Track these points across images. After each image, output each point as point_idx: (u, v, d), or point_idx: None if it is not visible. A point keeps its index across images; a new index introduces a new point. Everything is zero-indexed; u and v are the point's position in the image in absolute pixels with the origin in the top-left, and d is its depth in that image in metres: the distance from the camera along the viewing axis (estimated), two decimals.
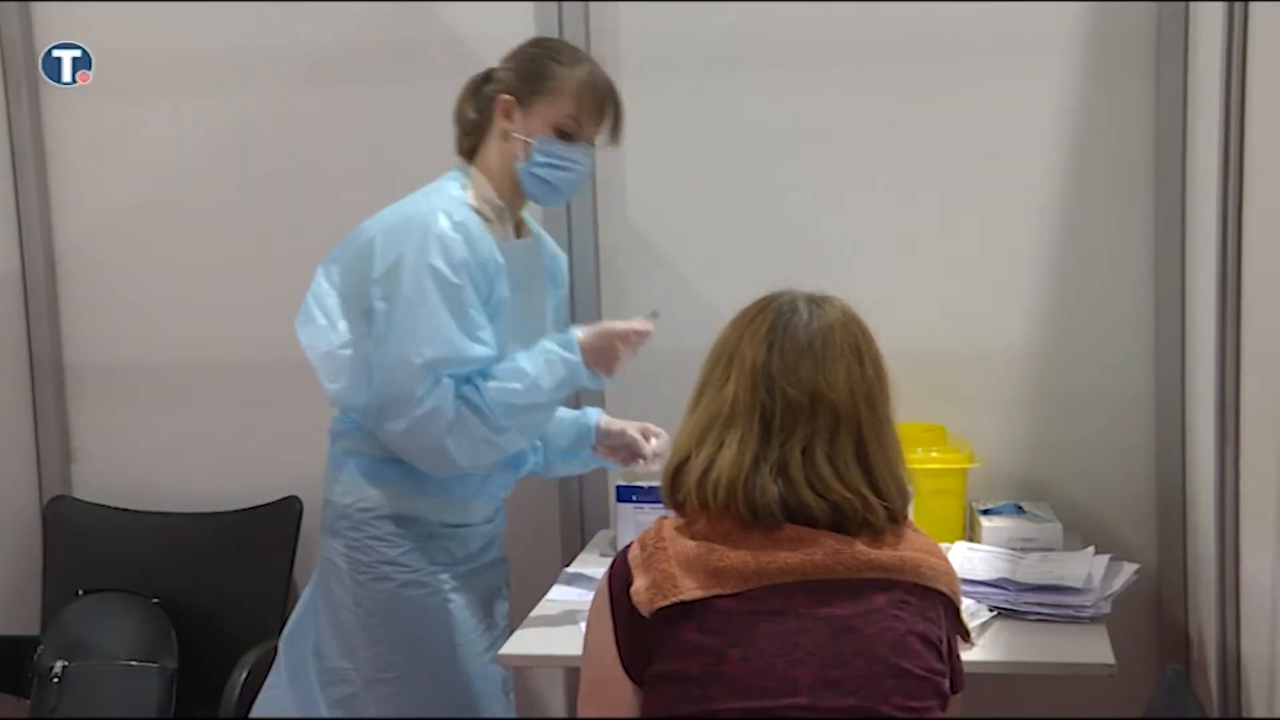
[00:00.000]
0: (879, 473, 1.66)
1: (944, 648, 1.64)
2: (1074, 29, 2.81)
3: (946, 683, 1.64)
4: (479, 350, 2.31)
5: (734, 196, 2.95)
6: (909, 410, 1.77)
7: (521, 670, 2.55)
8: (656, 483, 2.70)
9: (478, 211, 2.41)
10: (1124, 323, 2.85)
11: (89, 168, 3.15)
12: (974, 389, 2.90)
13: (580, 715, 1.67)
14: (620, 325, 2.43)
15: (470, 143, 2.50)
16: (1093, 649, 2.22)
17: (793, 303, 1.70)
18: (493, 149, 2.46)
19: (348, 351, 2.39)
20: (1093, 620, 2.32)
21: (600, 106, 2.42)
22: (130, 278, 2.14)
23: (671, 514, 1.71)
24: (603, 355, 2.40)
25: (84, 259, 3.17)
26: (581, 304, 2.98)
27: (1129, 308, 2.84)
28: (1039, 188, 2.85)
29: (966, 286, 2.90)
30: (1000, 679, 2.20)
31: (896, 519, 1.68)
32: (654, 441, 2.56)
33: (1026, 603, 2.37)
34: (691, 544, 1.62)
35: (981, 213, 2.88)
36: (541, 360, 2.36)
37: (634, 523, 2.72)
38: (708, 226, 2.97)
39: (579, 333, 2.41)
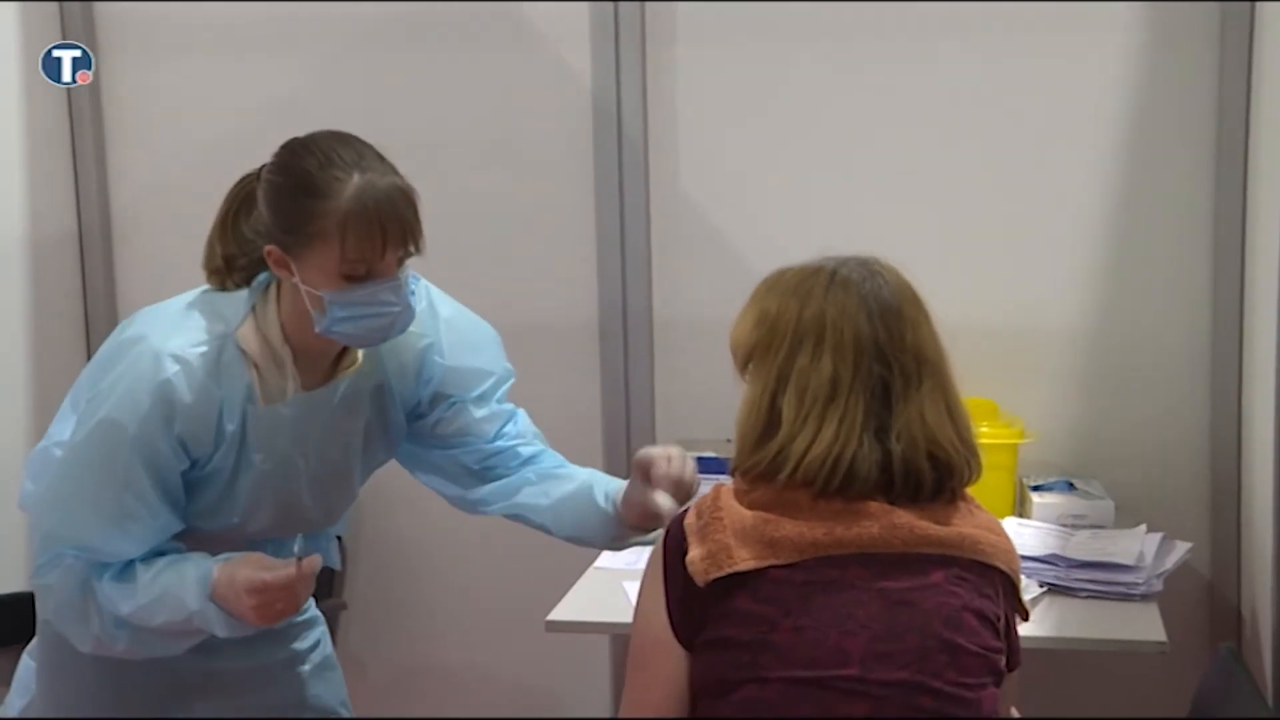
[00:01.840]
0: (962, 423, 1.66)
1: (1001, 625, 1.63)
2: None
3: (1003, 660, 1.63)
4: (113, 546, 1.89)
5: (787, 168, 2.94)
6: (961, 385, 1.75)
7: (569, 635, 2.55)
8: (708, 453, 2.73)
9: (245, 354, 1.93)
10: (1180, 299, 2.82)
11: (145, 130, 3.17)
12: (1027, 365, 2.88)
13: (629, 678, 1.67)
14: (255, 575, 1.85)
15: (251, 267, 1.98)
16: (1144, 626, 2.21)
17: (855, 269, 1.68)
18: (288, 284, 1.93)
19: (58, 452, 1.96)
20: (1144, 598, 2.31)
21: (381, 235, 1.84)
22: (185, 239, 2.13)
23: (729, 480, 1.69)
24: (232, 603, 1.87)
25: (139, 220, 3.19)
26: (633, 278, 2.98)
27: (1186, 284, 2.81)
28: (1097, 162, 2.82)
29: (1021, 262, 2.88)
30: (1050, 655, 2.19)
31: (978, 473, 1.67)
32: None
33: (1077, 579, 2.36)
34: (749, 513, 1.61)
35: (1038, 187, 2.86)
36: (161, 586, 1.89)
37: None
38: (761, 197, 2.96)
39: (217, 570, 1.88)
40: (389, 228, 1.85)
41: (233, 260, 1.98)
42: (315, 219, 1.84)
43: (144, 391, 1.87)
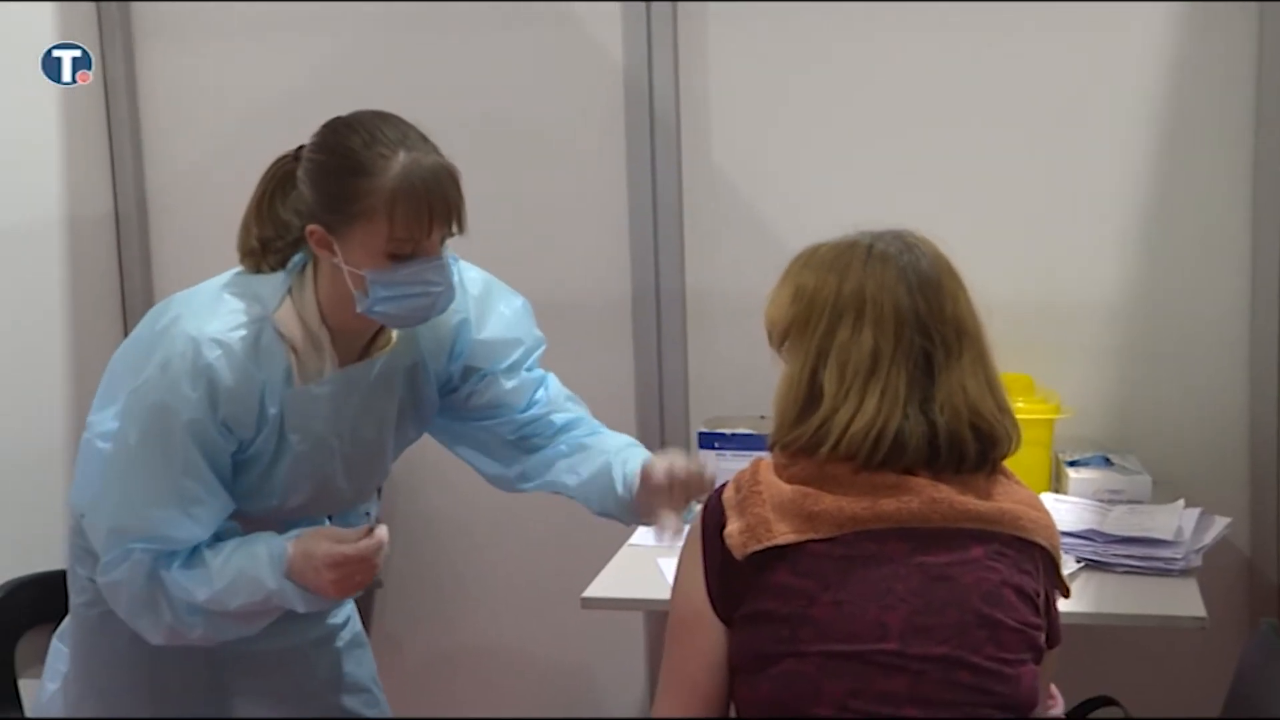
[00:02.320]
0: (1000, 394, 1.67)
1: (1041, 601, 1.63)
2: None
3: (1042, 637, 1.63)
4: (181, 531, 1.89)
5: (820, 144, 2.92)
6: (996, 360, 1.75)
7: (603, 612, 2.56)
8: (741, 429, 2.73)
9: (283, 336, 1.93)
10: (1218, 273, 2.80)
11: (180, 112, 3.18)
12: (1063, 339, 2.86)
13: (667, 651, 1.67)
14: (333, 549, 1.88)
15: (287, 249, 1.97)
16: (1184, 602, 2.20)
17: (891, 242, 1.68)
18: (326, 265, 1.93)
19: (105, 445, 1.96)
20: (1183, 573, 2.30)
21: (428, 213, 1.85)
22: (220, 220, 2.14)
23: (768, 455, 1.69)
24: (310, 578, 1.89)
25: (175, 202, 3.21)
26: (665, 255, 2.97)
27: (1224, 256, 2.79)
28: (1134, 133, 2.80)
29: (1057, 235, 2.86)
30: (1088, 631, 2.18)
31: (1018, 443, 1.67)
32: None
33: (1115, 554, 2.35)
34: (787, 488, 1.61)
35: (1073, 161, 2.83)
36: (234, 568, 1.90)
37: (716, 470, 2.71)
38: (793, 174, 2.94)
39: (290, 547, 1.90)
40: (436, 206, 1.85)
41: (268, 243, 1.97)
42: (361, 197, 1.83)
43: (188, 377, 1.86)
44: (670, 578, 1.72)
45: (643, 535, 2.57)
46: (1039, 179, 2.85)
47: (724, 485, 1.68)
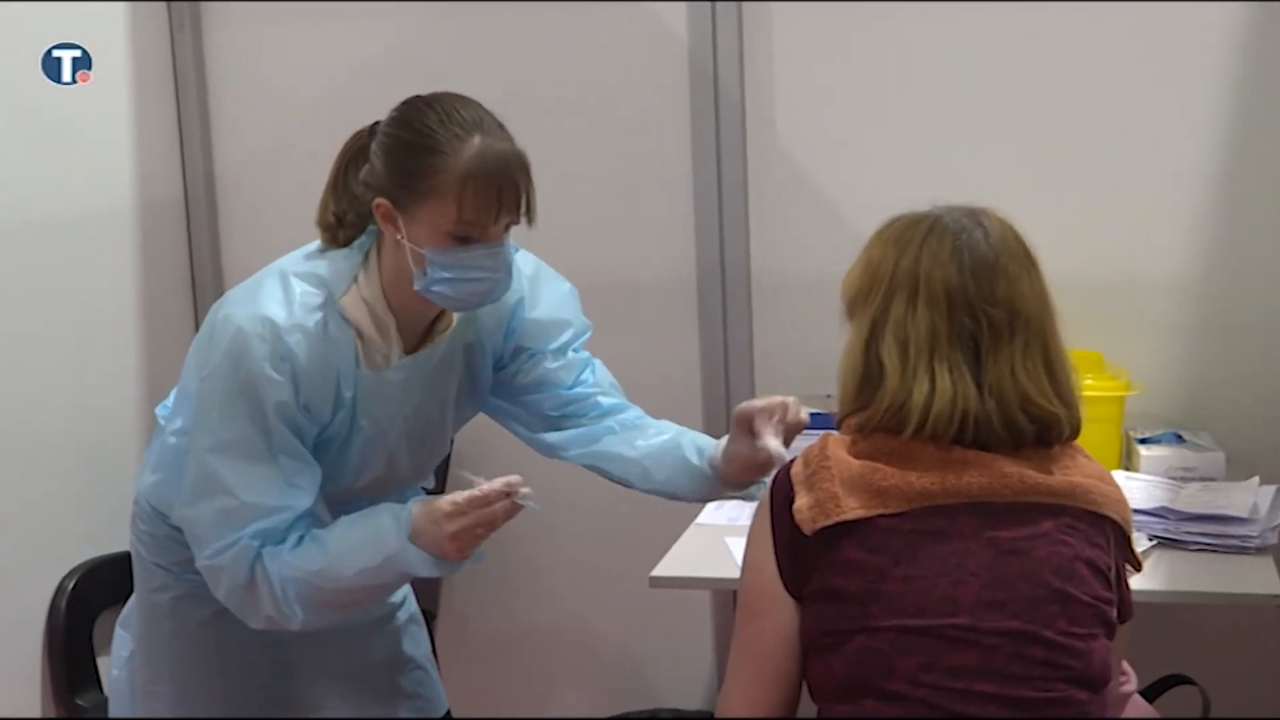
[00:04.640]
0: (1062, 381, 1.65)
1: (1112, 575, 1.61)
2: None
3: (1114, 611, 1.62)
4: (287, 499, 1.90)
5: (885, 119, 2.90)
6: (1066, 336, 1.73)
7: (670, 592, 2.56)
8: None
9: (348, 320, 1.95)
10: None
11: (248, 94, 3.21)
12: (1133, 315, 2.83)
13: (738, 627, 1.67)
14: (453, 496, 1.89)
15: (359, 223, 1.99)
16: (1259, 579, 2.17)
17: (959, 219, 1.66)
18: (389, 245, 1.95)
19: (174, 440, 2.02)
20: (1258, 551, 2.27)
21: (497, 199, 1.86)
22: (290, 202, 2.16)
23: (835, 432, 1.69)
24: (432, 535, 1.88)
25: (243, 184, 3.24)
26: (730, 234, 2.96)
27: None
28: (1207, 105, 2.75)
29: (1127, 209, 2.82)
30: (1161, 609, 2.16)
31: (1076, 431, 1.65)
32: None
33: (1188, 532, 2.32)
34: (856, 463, 1.61)
35: (1144, 132, 2.79)
36: (355, 536, 1.90)
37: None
38: (859, 150, 2.93)
39: (416, 508, 1.89)
40: (505, 192, 1.86)
41: (343, 216, 1.99)
42: (432, 175, 1.85)
43: (269, 360, 1.87)
44: (738, 556, 1.72)
45: (710, 514, 2.57)
46: (1109, 154, 2.81)
47: (792, 460, 1.67)
